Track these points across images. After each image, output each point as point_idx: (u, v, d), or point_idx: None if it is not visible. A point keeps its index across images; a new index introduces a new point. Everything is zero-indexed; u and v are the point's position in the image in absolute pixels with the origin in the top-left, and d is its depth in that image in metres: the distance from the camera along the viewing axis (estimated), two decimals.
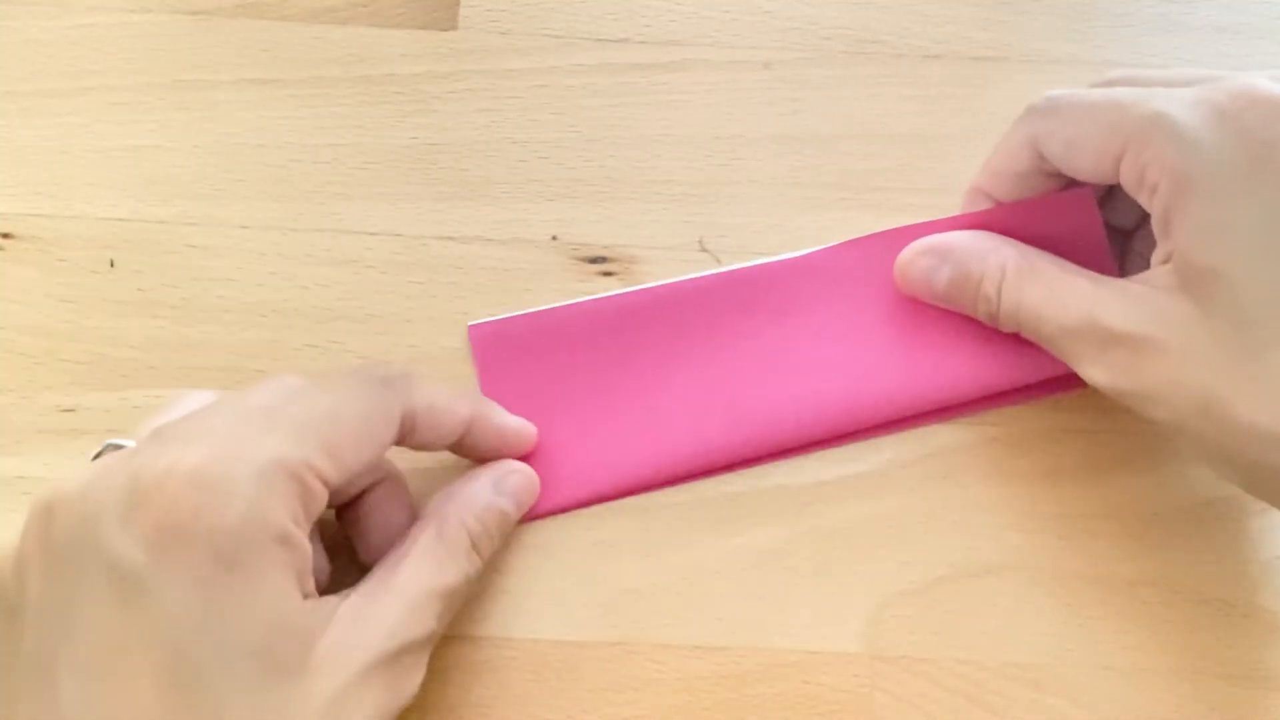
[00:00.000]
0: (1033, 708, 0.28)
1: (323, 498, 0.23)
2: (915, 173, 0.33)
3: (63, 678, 0.21)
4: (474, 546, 0.26)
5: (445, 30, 0.34)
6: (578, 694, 0.28)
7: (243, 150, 0.33)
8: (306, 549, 0.23)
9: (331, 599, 0.23)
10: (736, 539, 0.29)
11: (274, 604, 0.22)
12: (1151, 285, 0.26)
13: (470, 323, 0.30)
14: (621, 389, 0.30)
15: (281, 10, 0.34)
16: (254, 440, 0.22)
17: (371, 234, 0.32)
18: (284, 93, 0.33)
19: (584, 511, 0.29)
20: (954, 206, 0.31)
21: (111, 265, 0.31)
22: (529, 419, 0.29)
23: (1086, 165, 0.27)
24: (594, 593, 0.29)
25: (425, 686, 0.24)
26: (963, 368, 0.30)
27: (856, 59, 0.34)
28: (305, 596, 0.23)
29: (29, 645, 0.21)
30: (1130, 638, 0.28)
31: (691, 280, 0.31)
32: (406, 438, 0.26)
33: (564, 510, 0.29)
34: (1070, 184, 0.30)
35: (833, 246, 0.31)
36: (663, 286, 0.31)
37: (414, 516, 0.27)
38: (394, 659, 0.23)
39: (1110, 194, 0.31)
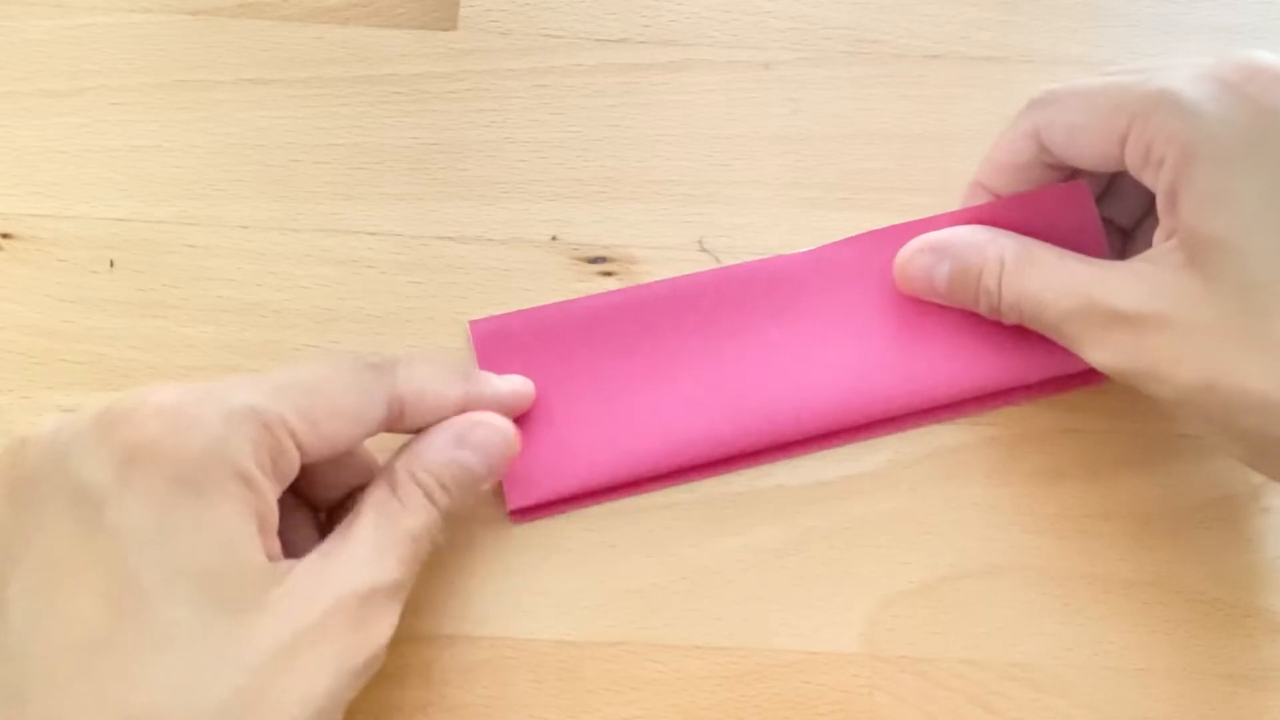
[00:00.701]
0: (1033, 708, 0.28)
1: (293, 458, 0.23)
2: (915, 173, 0.33)
3: (11, 599, 0.21)
4: (428, 496, 0.25)
5: (445, 30, 0.34)
6: (578, 694, 0.28)
7: (243, 150, 0.33)
8: (270, 499, 0.23)
9: (291, 560, 0.23)
10: (736, 539, 0.29)
11: (227, 535, 0.22)
12: (1153, 262, 0.26)
13: (470, 319, 0.30)
14: (621, 385, 0.30)
15: (281, 10, 0.34)
16: (230, 388, 0.23)
17: (371, 234, 0.32)
18: (284, 93, 0.33)
19: (583, 511, 0.29)
20: (954, 206, 0.31)
21: (111, 265, 0.31)
22: (527, 417, 0.29)
23: (1091, 150, 0.27)
24: (594, 593, 0.29)
25: (425, 686, 0.24)
26: (962, 366, 0.30)
27: (856, 59, 0.34)
28: (269, 554, 0.23)
29: None
30: (1130, 638, 0.29)
31: (691, 277, 0.31)
32: (395, 423, 0.26)
33: (564, 506, 0.29)
34: (1070, 176, 0.30)
35: (832, 244, 0.31)
36: (663, 283, 0.31)
37: None
38: (358, 605, 0.23)
39: (1110, 190, 0.31)
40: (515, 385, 0.29)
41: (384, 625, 0.24)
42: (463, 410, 0.27)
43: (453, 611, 0.28)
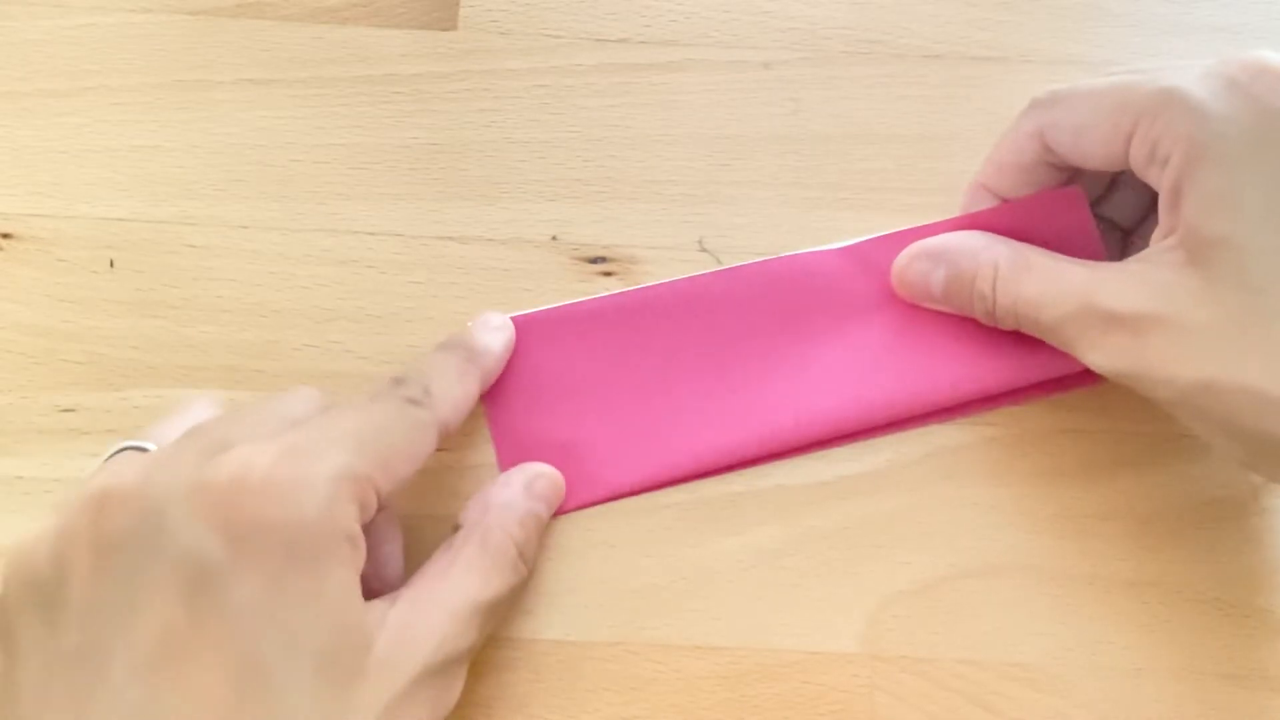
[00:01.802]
0: (1033, 708, 0.28)
1: (373, 509, 0.24)
2: (915, 173, 0.33)
3: (118, 671, 0.20)
4: (520, 555, 0.26)
5: (445, 30, 0.34)
6: (578, 694, 0.28)
7: (243, 150, 0.33)
8: (364, 554, 0.23)
9: (380, 604, 0.23)
10: (736, 539, 0.29)
11: (341, 603, 0.22)
12: (1150, 263, 0.25)
13: (470, 322, 0.30)
14: (621, 388, 0.30)
15: (281, 10, 0.34)
16: (320, 448, 0.23)
17: (371, 234, 0.32)
18: (284, 93, 0.33)
19: (583, 512, 0.29)
20: (954, 206, 0.31)
21: (111, 265, 0.31)
22: (528, 418, 0.29)
23: (1096, 149, 0.27)
24: (594, 593, 0.29)
25: None
26: (962, 370, 0.30)
27: (856, 59, 0.34)
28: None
29: (73, 640, 0.21)
30: (1130, 638, 0.29)
31: (692, 280, 0.31)
32: (440, 445, 0.26)
33: (563, 511, 0.29)
34: (1073, 176, 0.30)
35: (833, 249, 0.31)
36: (663, 285, 0.31)
37: (400, 538, 0.27)
38: (440, 670, 0.23)
39: (1112, 189, 0.31)
40: (505, 340, 0.29)
41: (459, 686, 0.24)
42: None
43: None
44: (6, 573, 0.22)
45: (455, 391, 0.27)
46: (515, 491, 0.28)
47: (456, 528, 0.27)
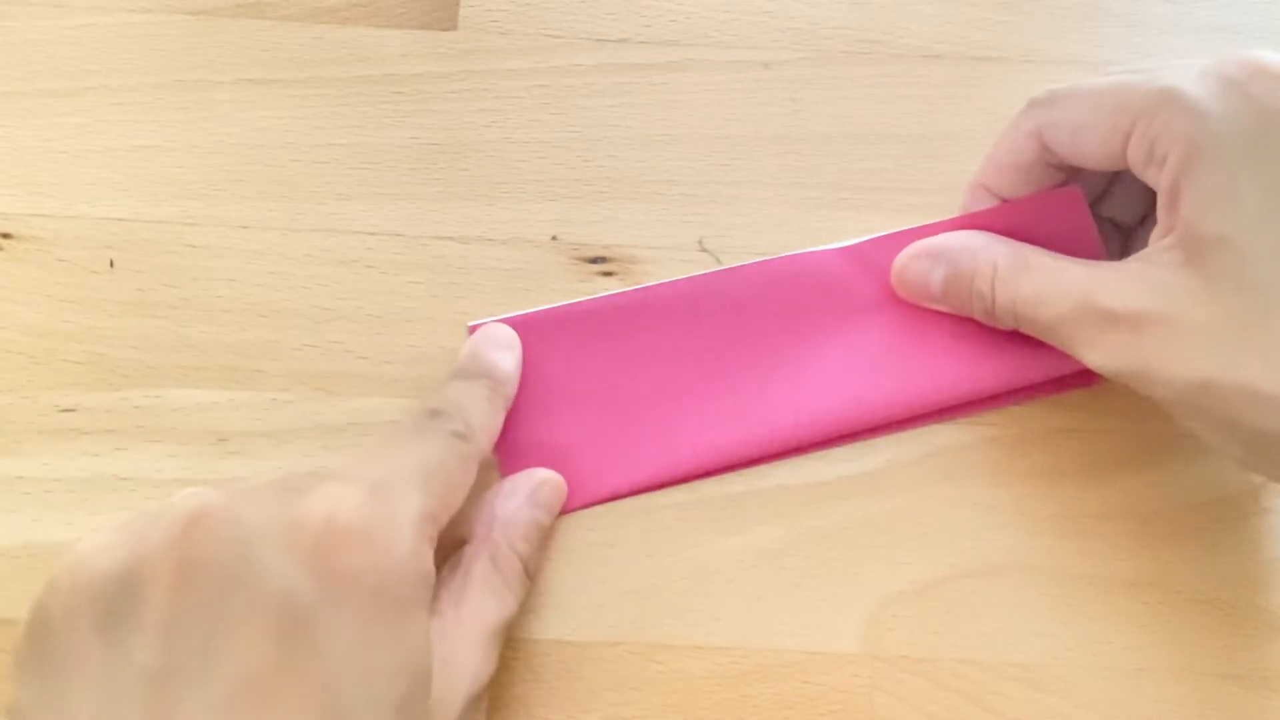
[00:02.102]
0: (1033, 708, 0.28)
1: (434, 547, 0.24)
2: (915, 173, 0.33)
3: (194, 702, 0.19)
4: (525, 569, 0.27)
5: (445, 30, 0.34)
6: (577, 694, 0.28)
7: (243, 150, 0.33)
8: (433, 592, 0.23)
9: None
10: (736, 539, 0.29)
11: (421, 650, 0.22)
12: (1148, 262, 0.26)
13: (470, 323, 0.30)
14: (621, 389, 0.30)
15: (281, 10, 0.34)
16: (400, 489, 0.23)
17: (371, 234, 0.32)
18: (284, 93, 0.33)
19: (583, 512, 0.29)
20: (954, 206, 0.31)
21: (111, 265, 0.31)
22: (528, 418, 0.29)
23: (1095, 149, 0.27)
24: (594, 593, 0.29)
25: None
26: (962, 371, 0.30)
27: (856, 59, 0.34)
28: None
29: (147, 659, 0.20)
30: (1130, 638, 0.28)
31: (692, 279, 0.31)
32: None
33: (564, 511, 0.29)
34: (1072, 176, 0.30)
35: (833, 249, 0.31)
36: (663, 285, 0.31)
37: None
38: (475, 702, 0.24)
39: (1112, 187, 0.31)
40: (517, 360, 0.29)
41: (484, 708, 0.25)
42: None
43: None
44: (58, 584, 0.21)
45: (490, 423, 0.27)
46: (520, 503, 0.28)
47: (462, 541, 0.27)
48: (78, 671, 0.20)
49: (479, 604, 0.25)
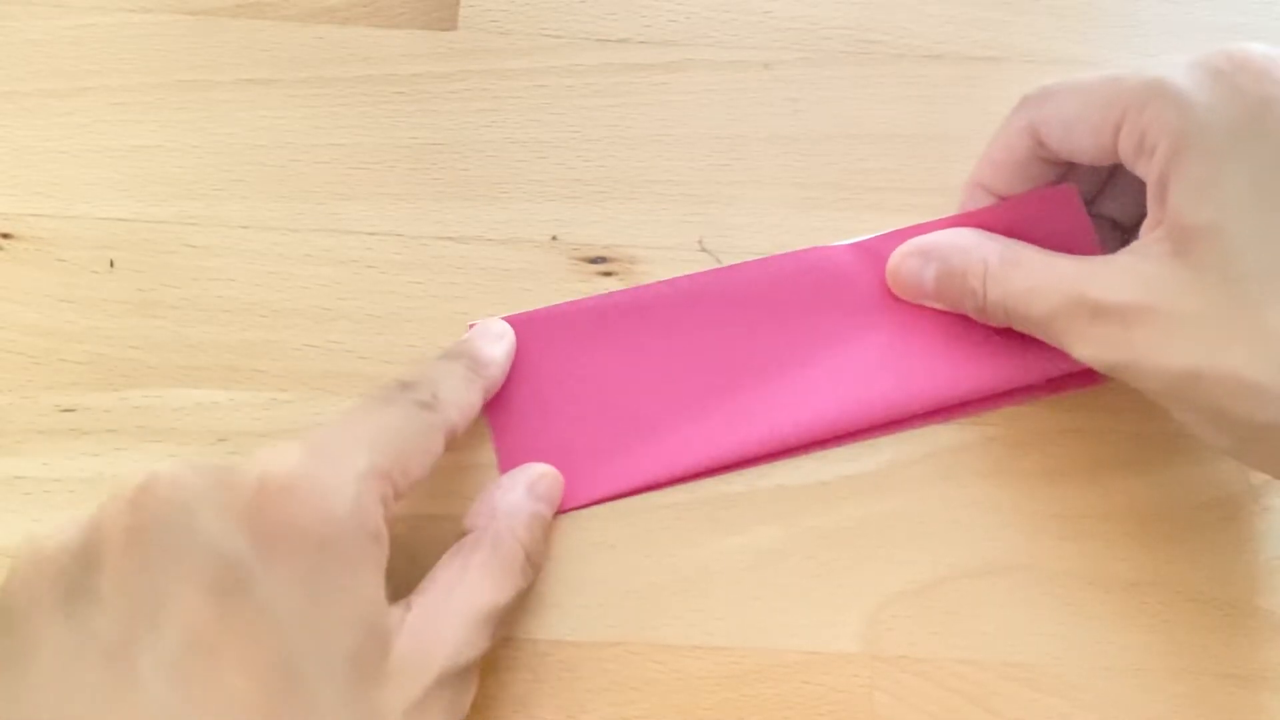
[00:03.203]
0: (1033, 708, 0.28)
1: (392, 509, 0.24)
2: (915, 173, 0.33)
3: (146, 667, 0.20)
4: (528, 559, 0.26)
5: (445, 30, 0.34)
6: (577, 694, 0.28)
7: (243, 150, 0.33)
8: (387, 551, 0.23)
9: (397, 608, 0.23)
10: (736, 539, 0.29)
11: (370, 604, 0.22)
12: (1137, 254, 0.26)
13: (470, 322, 0.30)
14: (620, 387, 0.30)
15: (281, 10, 0.34)
16: (344, 448, 0.23)
17: (371, 234, 0.32)
18: (284, 93, 0.33)
19: (583, 512, 0.29)
20: (954, 206, 0.31)
21: (111, 265, 0.31)
22: (528, 418, 0.29)
23: (1087, 143, 0.27)
24: (594, 593, 0.29)
25: None
26: (962, 371, 0.30)
27: (856, 59, 0.34)
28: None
29: (106, 629, 0.20)
30: (1130, 638, 0.29)
31: (692, 278, 0.31)
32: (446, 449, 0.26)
33: (563, 511, 0.29)
34: (1067, 170, 0.30)
35: (831, 247, 0.31)
36: (663, 284, 0.31)
37: None
38: (455, 677, 0.23)
39: (1109, 185, 0.31)
40: (507, 350, 0.29)
41: (472, 692, 0.25)
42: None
43: None
44: (19, 569, 0.22)
45: (462, 397, 0.27)
46: (519, 494, 0.28)
47: (463, 532, 0.27)
48: (42, 652, 0.20)
49: (473, 584, 0.25)
